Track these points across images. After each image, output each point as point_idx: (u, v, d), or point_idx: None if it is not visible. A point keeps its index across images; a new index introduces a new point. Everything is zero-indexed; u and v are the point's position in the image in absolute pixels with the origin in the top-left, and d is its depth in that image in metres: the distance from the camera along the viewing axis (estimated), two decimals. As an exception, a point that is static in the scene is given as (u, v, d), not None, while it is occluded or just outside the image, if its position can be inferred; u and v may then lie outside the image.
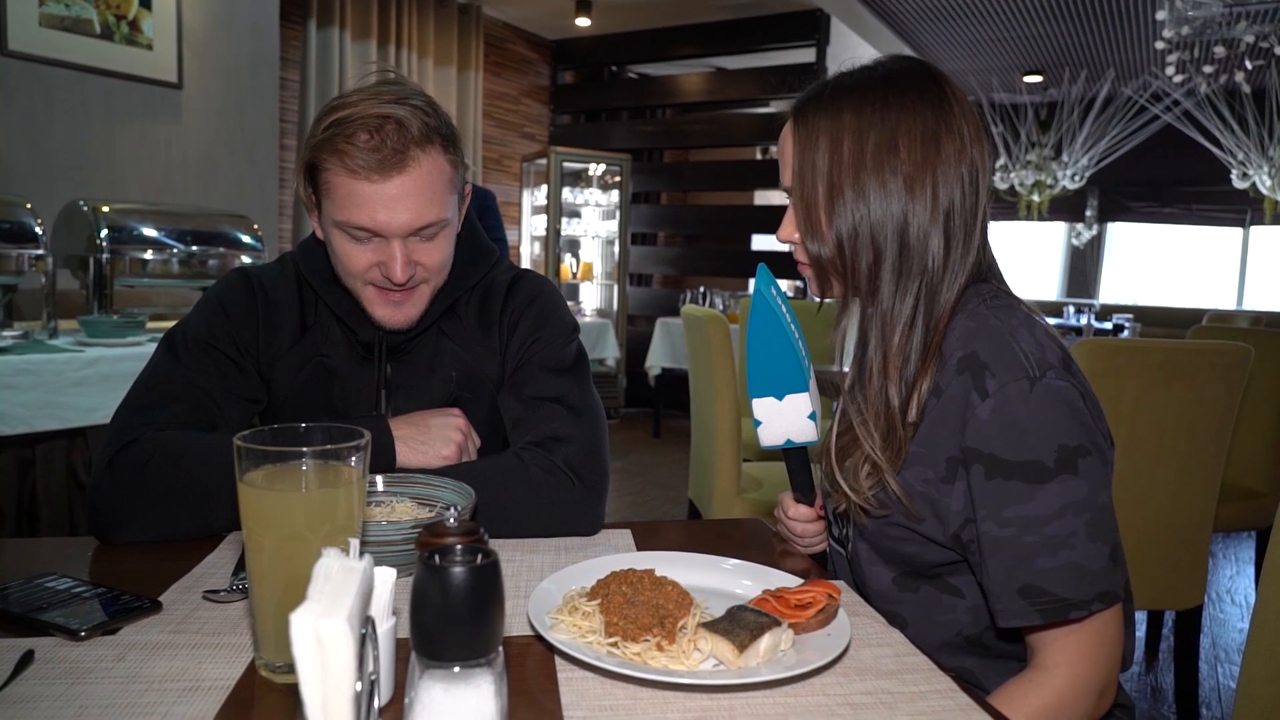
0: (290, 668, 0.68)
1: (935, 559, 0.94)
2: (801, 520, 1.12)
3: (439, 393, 1.22)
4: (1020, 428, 0.84)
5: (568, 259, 6.74)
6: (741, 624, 0.75)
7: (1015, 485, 0.84)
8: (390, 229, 1.06)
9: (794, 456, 1.09)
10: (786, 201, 1.01)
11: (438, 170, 1.08)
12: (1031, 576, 0.84)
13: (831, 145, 0.93)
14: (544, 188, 6.52)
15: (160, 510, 1.01)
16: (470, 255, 1.24)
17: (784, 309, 1.02)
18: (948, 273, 0.92)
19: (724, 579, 0.93)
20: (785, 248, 1.00)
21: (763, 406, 1.04)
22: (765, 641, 0.73)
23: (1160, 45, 5.28)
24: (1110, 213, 9.53)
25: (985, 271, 0.97)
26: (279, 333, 1.20)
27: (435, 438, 1.12)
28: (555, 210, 6.42)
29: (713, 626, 0.75)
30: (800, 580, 0.89)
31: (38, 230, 2.38)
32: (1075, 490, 0.83)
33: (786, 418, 1.03)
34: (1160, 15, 5.12)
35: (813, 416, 1.03)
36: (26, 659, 0.71)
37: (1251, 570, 3.54)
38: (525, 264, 6.77)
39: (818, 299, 1.03)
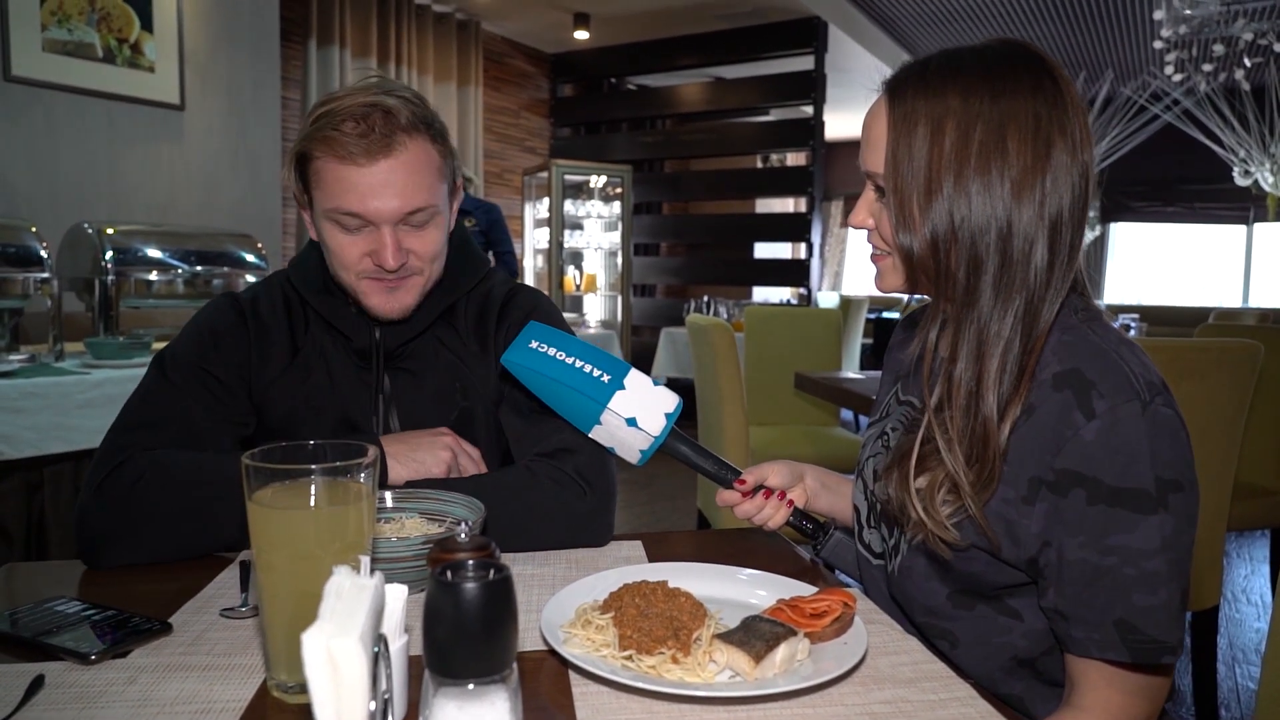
0: (302, 688, 0.67)
1: (1001, 580, 0.89)
2: (735, 504, 1.09)
3: (436, 401, 1.22)
4: (1129, 453, 0.79)
5: (571, 271, 6.75)
6: (757, 634, 0.74)
7: (1120, 513, 0.80)
8: (380, 215, 1.07)
9: (672, 451, 1.05)
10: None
11: (425, 156, 1.09)
12: (1128, 611, 0.80)
13: (933, 133, 0.85)
14: (546, 201, 6.54)
15: (149, 531, 1.00)
16: (462, 264, 1.25)
17: (549, 353, 1.02)
18: (1050, 289, 0.85)
19: (737, 589, 0.93)
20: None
21: (599, 433, 1.04)
22: (781, 652, 0.73)
23: (1158, 44, 5.28)
24: (1113, 213, 9.52)
25: (1076, 283, 0.91)
26: (272, 355, 1.19)
27: (425, 454, 1.12)
28: (557, 223, 6.44)
29: (728, 638, 0.74)
30: (815, 589, 0.88)
31: (43, 253, 2.39)
32: (1164, 526, 0.79)
33: (624, 432, 1.01)
34: (1158, 15, 5.12)
35: (631, 422, 1.00)
36: (37, 684, 0.70)
37: (1266, 569, 3.51)
38: (529, 277, 6.79)
39: (904, 296, 0.95)
